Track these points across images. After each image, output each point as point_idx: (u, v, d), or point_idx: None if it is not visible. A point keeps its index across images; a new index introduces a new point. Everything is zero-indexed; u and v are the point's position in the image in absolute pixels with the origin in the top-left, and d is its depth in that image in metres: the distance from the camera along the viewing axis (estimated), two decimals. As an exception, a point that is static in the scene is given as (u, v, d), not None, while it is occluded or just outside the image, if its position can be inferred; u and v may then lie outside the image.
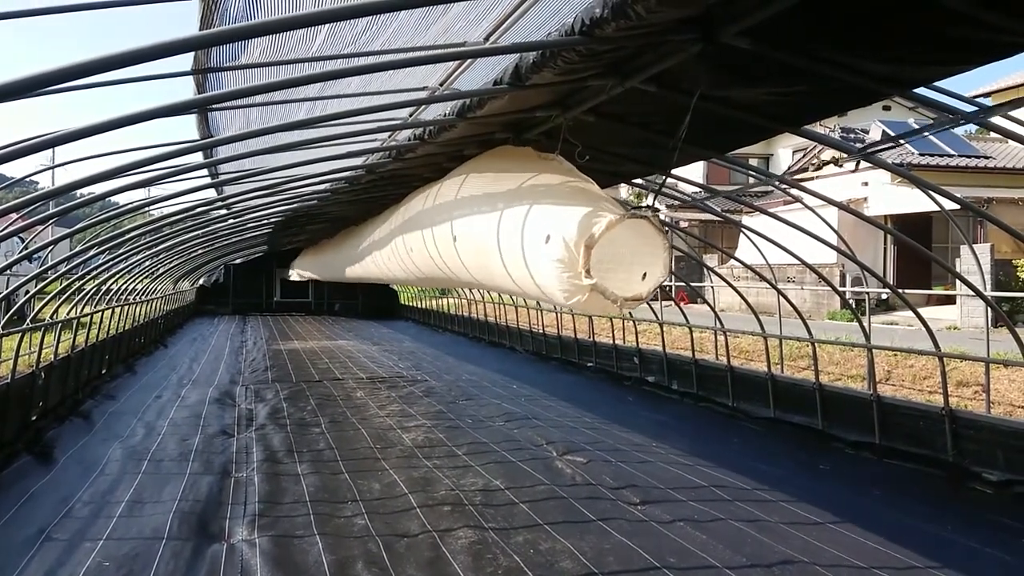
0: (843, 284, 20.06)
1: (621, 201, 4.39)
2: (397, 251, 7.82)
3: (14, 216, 9.37)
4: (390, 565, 5.11)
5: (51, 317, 10.15)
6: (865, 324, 9.21)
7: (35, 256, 14.29)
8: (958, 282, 16.12)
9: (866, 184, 22.05)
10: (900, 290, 9.17)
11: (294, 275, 25.66)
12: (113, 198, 13.41)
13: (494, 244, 4.80)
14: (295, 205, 10.80)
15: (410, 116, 5.98)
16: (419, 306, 30.46)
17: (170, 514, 6.03)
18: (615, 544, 5.55)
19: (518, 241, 4.45)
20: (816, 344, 9.74)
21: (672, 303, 14.74)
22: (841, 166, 5.85)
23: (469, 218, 5.30)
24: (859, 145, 6.15)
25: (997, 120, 4.91)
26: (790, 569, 5.17)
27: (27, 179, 17.08)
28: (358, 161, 7.19)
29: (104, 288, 12.57)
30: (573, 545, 5.49)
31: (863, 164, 18.17)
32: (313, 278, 23.59)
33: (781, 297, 10.27)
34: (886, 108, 27.37)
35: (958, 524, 6.22)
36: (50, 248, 10.60)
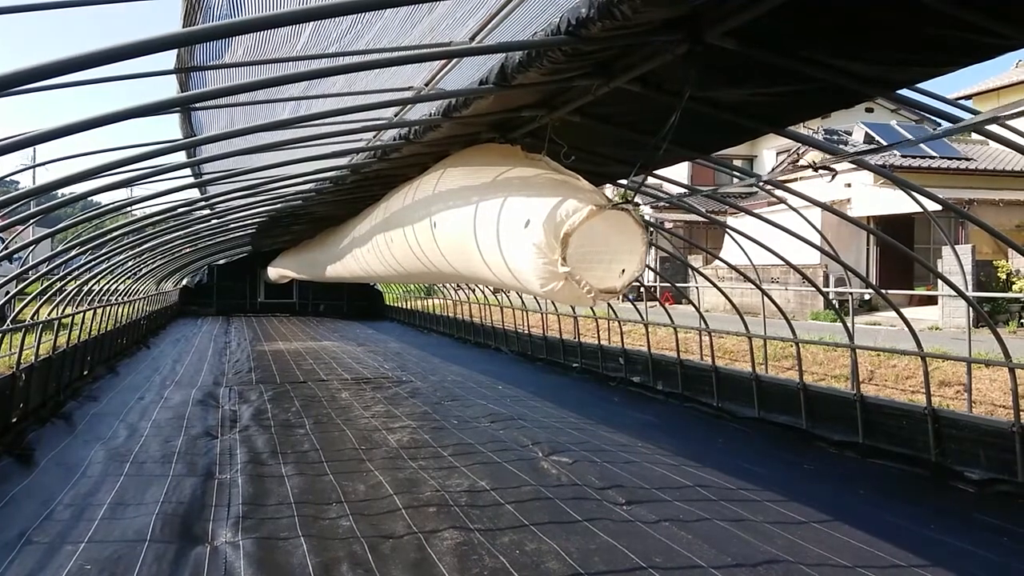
0: (826, 285, 20.17)
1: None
2: (377, 246, 7.78)
3: (-6, 216, 9.27)
4: (375, 567, 5.08)
5: (32, 318, 10.06)
6: (848, 324, 9.26)
7: (15, 256, 14.15)
8: (940, 282, 16.27)
9: (849, 185, 22.19)
10: (883, 290, 9.22)
11: (273, 275, 25.45)
12: (95, 198, 13.32)
13: (472, 231, 4.77)
14: (279, 205, 10.74)
15: (395, 116, 5.95)
16: (404, 307, 30.40)
17: (153, 516, 5.97)
18: (601, 544, 5.55)
19: (496, 228, 4.42)
20: (800, 344, 9.79)
21: (657, 304, 14.77)
22: (818, 171, 5.86)
23: (449, 207, 5.27)
24: (843, 147, 6.18)
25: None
26: (775, 568, 5.18)
27: (7, 178, 16.90)
28: (343, 161, 7.15)
29: (86, 289, 12.46)
30: (559, 546, 5.48)
31: (846, 165, 18.30)
32: (292, 277, 23.43)
33: (765, 297, 10.32)
34: (869, 110, 27.59)
35: (941, 523, 6.27)
36: (31, 248, 10.52)
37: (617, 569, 5.13)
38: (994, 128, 5.33)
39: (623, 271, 4.22)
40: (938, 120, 5.34)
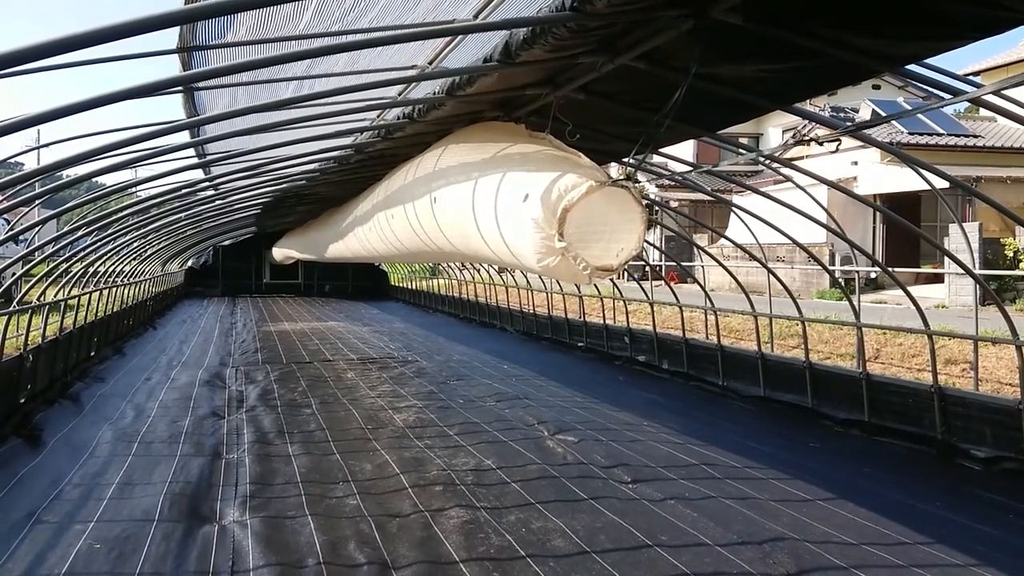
0: (832, 263, 20.10)
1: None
2: (379, 224, 7.75)
3: (-1, 197, 9.27)
4: (382, 545, 5.11)
5: (38, 299, 10.08)
6: (854, 303, 9.23)
7: (21, 238, 14.16)
8: (947, 260, 16.20)
9: (856, 163, 22.05)
10: (889, 269, 9.18)
11: (278, 255, 25.47)
12: (99, 179, 13.29)
13: (470, 206, 4.74)
14: (283, 185, 10.71)
15: (399, 95, 5.91)
16: (409, 287, 30.43)
17: (161, 496, 6.01)
18: (607, 523, 5.58)
19: (495, 202, 4.39)
20: (806, 323, 9.77)
21: (662, 283, 14.75)
22: (822, 144, 5.83)
23: (449, 183, 5.23)
24: (849, 123, 6.11)
25: (987, 97, 4.89)
26: (780, 546, 5.20)
27: (11, 160, 16.90)
28: (347, 141, 7.13)
29: (92, 270, 12.47)
30: (565, 524, 5.51)
31: (853, 143, 18.19)
32: (297, 258, 23.45)
33: (771, 276, 10.29)
34: (876, 87, 27.34)
35: (947, 500, 6.28)
36: (36, 229, 10.50)
37: (623, 547, 5.16)
38: (1001, 103, 5.27)
39: (621, 249, 4.19)
40: (945, 96, 5.27)
